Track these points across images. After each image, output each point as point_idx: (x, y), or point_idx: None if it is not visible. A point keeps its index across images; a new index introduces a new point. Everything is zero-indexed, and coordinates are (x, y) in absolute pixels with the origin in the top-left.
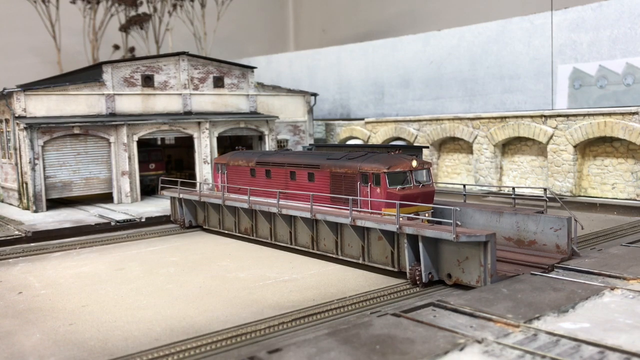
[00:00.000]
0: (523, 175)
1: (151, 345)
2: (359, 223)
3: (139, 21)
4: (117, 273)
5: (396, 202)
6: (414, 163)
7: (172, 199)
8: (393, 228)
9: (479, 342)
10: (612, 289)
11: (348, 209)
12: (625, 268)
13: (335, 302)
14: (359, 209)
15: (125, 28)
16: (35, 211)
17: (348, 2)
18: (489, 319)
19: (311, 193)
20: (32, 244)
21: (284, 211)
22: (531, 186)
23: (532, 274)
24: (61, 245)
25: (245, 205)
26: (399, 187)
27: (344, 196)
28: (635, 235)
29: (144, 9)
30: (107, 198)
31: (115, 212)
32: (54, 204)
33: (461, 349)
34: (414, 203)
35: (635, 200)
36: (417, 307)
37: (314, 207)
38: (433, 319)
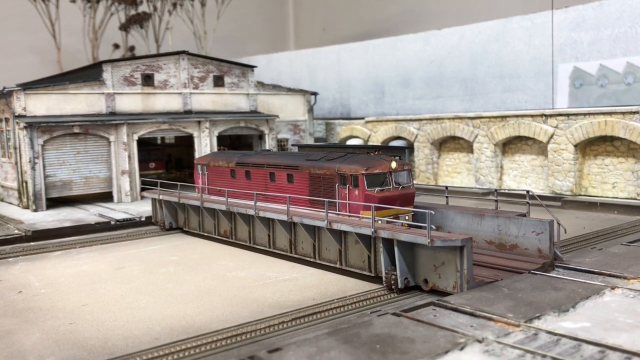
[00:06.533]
0: (523, 175)
1: (151, 344)
2: (335, 226)
3: (139, 20)
4: (117, 272)
5: (372, 204)
6: (394, 164)
7: (153, 200)
8: (368, 232)
9: (480, 341)
10: (613, 288)
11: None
12: (625, 267)
13: (335, 301)
14: (337, 211)
15: (125, 27)
16: (35, 210)
17: (348, 1)
18: (490, 319)
19: (288, 195)
20: (32, 243)
21: (262, 214)
22: (515, 189)
23: (532, 273)
24: (61, 245)
25: (224, 207)
26: (377, 189)
27: (321, 198)
28: (635, 235)
29: (144, 7)
30: (107, 197)
31: (115, 211)
32: (54, 203)
33: (461, 349)
34: (392, 206)
35: (636, 199)
36: (418, 307)
37: (291, 209)
38: (433, 318)
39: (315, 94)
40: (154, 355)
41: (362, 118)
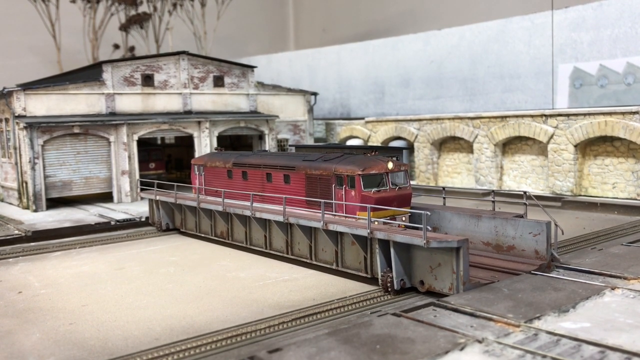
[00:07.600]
0: (524, 175)
1: (151, 344)
2: (331, 227)
3: (139, 20)
4: (117, 272)
5: (368, 205)
6: (390, 165)
7: (150, 200)
8: (364, 233)
9: (480, 341)
10: (613, 288)
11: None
12: (625, 268)
13: (335, 301)
14: (333, 212)
15: (125, 27)
16: (35, 210)
17: (348, 1)
18: (490, 319)
19: (284, 196)
20: (32, 244)
21: (258, 214)
22: (515, 189)
23: (532, 273)
24: (61, 245)
25: (220, 208)
26: (374, 189)
27: (318, 199)
28: (635, 235)
29: (144, 8)
30: (107, 197)
31: (115, 212)
32: (54, 203)
33: (461, 349)
34: (388, 207)
35: (636, 199)
36: (418, 307)
37: (287, 210)
38: (433, 318)
39: (315, 94)
40: (154, 355)
41: (362, 118)
